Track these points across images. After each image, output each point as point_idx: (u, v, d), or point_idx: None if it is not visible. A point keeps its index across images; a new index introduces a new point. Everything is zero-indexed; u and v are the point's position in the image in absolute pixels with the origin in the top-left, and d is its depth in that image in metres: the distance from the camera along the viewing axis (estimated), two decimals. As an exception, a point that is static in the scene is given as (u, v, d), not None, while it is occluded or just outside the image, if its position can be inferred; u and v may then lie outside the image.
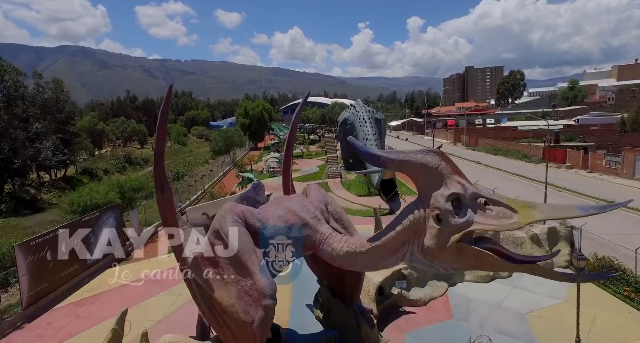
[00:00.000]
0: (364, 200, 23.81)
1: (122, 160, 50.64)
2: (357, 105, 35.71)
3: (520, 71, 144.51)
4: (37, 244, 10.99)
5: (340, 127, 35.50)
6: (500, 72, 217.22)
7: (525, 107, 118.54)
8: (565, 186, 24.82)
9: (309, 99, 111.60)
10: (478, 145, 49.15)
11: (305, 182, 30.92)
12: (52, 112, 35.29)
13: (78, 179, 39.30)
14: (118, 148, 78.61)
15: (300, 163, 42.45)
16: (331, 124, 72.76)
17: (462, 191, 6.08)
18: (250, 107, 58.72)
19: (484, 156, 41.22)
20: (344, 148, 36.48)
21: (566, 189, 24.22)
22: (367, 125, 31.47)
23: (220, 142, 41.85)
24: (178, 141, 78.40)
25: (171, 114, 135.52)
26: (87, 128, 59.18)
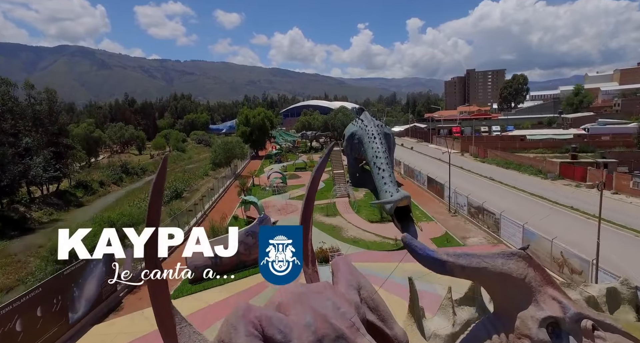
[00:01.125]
0: (377, 228, 22.06)
1: (118, 170, 48.86)
2: (365, 118, 34.02)
3: (523, 75, 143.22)
4: (4, 315, 9.24)
5: (347, 141, 33.82)
6: (502, 75, 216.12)
7: (529, 113, 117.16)
8: (592, 213, 23.05)
9: (308, 103, 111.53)
10: (487, 156, 47.49)
11: (311, 202, 29.19)
12: (44, 124, 33.56)
13: (72, 193, 37.56)
14: (115, 154, 76.90)
15: (304, 176, 40.70)
16: (334, 132, 71.07)
17: (560, 313, 4.42)
18: (252, 115, 57.00)
19: (495, 170, 39.52)
20: (351, 162, 34.81)
21: (613, 223, 20.30)
22: (376, 141, 29.77)
23: (220, 154, 40.14)
24: (177, 148, 76.61)
25: (170, 118, 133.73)
26: (83, 136, 57.43)
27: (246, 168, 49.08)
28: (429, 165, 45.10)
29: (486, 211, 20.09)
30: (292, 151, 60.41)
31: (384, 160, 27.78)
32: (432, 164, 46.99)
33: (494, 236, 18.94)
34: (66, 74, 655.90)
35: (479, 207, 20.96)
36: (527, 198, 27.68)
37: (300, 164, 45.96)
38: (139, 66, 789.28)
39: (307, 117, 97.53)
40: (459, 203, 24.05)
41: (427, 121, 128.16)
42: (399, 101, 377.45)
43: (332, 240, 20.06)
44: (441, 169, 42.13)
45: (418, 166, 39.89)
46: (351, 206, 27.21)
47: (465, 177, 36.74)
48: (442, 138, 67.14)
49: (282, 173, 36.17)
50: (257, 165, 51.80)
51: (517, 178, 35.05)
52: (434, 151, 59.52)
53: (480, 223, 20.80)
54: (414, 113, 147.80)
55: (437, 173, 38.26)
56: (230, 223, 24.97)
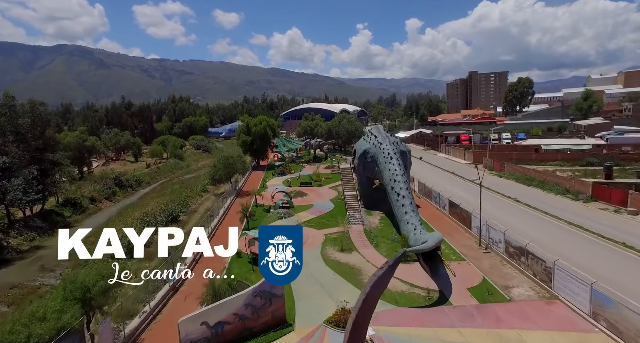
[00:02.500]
0: (402, 270, 18.89)
1: (111, 184, 45.83)
2: (378, 134, 31.04)
3: (529, 78, 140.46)
4: None
5: (360, 159, 30.85)
6: (504, 77, 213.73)
7: (536, 117, 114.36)
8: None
9: (309, 106, 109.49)
10: (504, 170, 44.63)
11: (322, 229, 26.30)
12: (26, 139, 30.49)
13: (58, 212, 34.56)
14: (110, 162, 73.81)
15: (310, 193, 37.79)
16: (338, 139, 68.19)
17: None
18: (253, 124, 54.03)
19: (515, 188, 36.62)
20: (362, 182, 31.85)
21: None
22: (393, 162, 26.86)
23: (220, 169, 37.15)
24: (174, 155, 73.55)
25: (168, 121, 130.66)
26: (75, 145, 54.36)
27: (248, 180, 46.12)
28: (443, 180, 42.22)
29: (532, 254, 17.18)
30: (295, 161, 57.44)
31: (403, 185, 24.87)
32: (445, 178, 44.10)
33: (545, 288, 16.01)
34: (64, 74, 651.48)
35: (521, 248, 18.06)
36: (564, 227, 24.77)
37: (305, 179, 43.01)
38: (138, 65, 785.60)
39: (309, 123, 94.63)
40: (492, 238, 21.15)
41: (431, 125, 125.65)
42: (399, 102, 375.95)
43: (352, 290, 17.17)
44: (458, 185, 39.29)
45: (431, 181, 37.01)
46: (367, 237, 24.28)
47: (485, 196, 33.84)
48: (451, 147, 64.31)
49: (287, 192, 33.18)
50: (259, 177, 48.82)
51: (544, 198, 32.17)
52: (445, 162, 56.67)
53: (523, 267, 17.91)
54: (416, 115, 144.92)
55: (453, 191, 35.37)
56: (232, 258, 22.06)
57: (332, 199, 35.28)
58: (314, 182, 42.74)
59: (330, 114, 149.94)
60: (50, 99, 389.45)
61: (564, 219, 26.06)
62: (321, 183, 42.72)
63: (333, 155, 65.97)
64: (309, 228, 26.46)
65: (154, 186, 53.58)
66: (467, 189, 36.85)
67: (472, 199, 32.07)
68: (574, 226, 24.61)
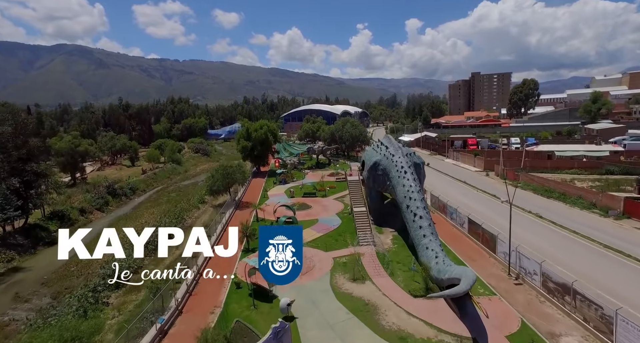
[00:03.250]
0: (425, 309, 16.57)
1: (103, 192, 43.30)
2: (389, 145, 28.53)
3: (534, 80, 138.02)
4: None
5: (369, 172, 28.33)
6: (507, 78, 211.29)
7: (543, 120, 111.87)
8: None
9: (310, 107, 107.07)
10: (519, 179, 42.10)
11: (330, 251, 23.77)
12: (7, 149, 27.99)
13: (43, 227, 32.03)
14: (106, 167, 71.32)
15: (315, 205, 35.28)
16: (342, 144, 65.69)
17: None
18: (253, 129, 51.51)
19: (534, 201, 34.06)
20: (372, 196, 29.31)
21: None
22: (407, 177, 24.34)
23: (219, 179, 34.65)
24: (172, 159, 71.01)
25: (167, 123, 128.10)
26: (67, 150, 51.83)
27: (248, 189, 43.58)
28: (454, 190, 39.60)
29: (581, 296, 14.64)
30: (297, 167, 54.92)
31: (420, 204, 22.37)
32: (456, 188, 41.47)
33: (605, 340, 13.45)
34: (63, 73, 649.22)
35: (566, 286, 15.54)
36: (600, 251, 22.24)
37: (308, 189, 40.47)
38: (138, 65, 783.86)
39: (311, 126, 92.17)
40: (525, 267, 18.63)
41: (434, 128, 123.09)
42: (399, 102, 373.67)
43: (369, 334, 14.68)
44: (472, 197, 36.54)
45: (440, 190, 34.47)
46: (381, 262, 21.74)
47: (502, 210, 31.32)
48: (459, 153, 61.80)
49: (291, 207, 30.65)
50: (260, 186, 46.31)
51: (568, 214, 29.66)
52: (453, 169, 54.16)
53: (569, 308, 15.38)
54: (419, 116, 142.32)
55: (467, 204, 32.79)
56: (230, 288, 19.60)
57: (338, 212, 32.81)
58: (318, 192, 40.24)
59: (332, 116, 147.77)
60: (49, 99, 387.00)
61: (597, 240, 23.55)
62: (325, 193, 40.22)
63: (336, 160, 63.51)
64: (315, 250, 23.98)
65: (150, 194, 51.05)
66: (483, 202, 34.41)
67: (491, 215, 29.68)
68: (611, 250, 22.11)
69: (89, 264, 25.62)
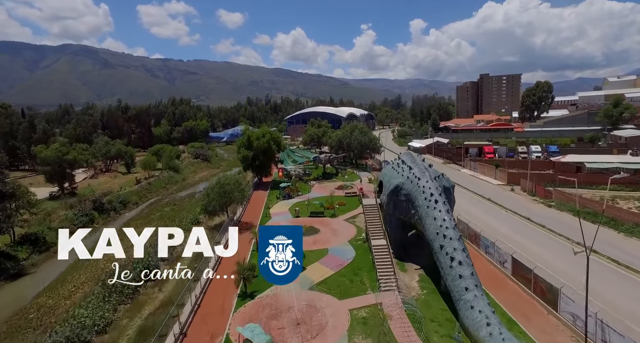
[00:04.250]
0: None
1: (89, 208, 39.28)
2: (413, 164, 24.18)
3: (548, 82, 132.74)
4: None
5: (390, 197, 23.97)
6: (517, 80, 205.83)
7: (559, 125, 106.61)
8: None
9: (315, 110, 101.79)
10: (551, 197, 37.52)
11: (346, 299, 19.43)
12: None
13: (11, 255, 27.96)
14: (99, 174, 67.53)
15: (323, 228, 30.98)
16: (350, 152, 61.30)
17: None
18: (255, 137, 47.31)
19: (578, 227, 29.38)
20: (392, 224, 24.90)
21: None
22: (439, 208, 20.01)
23: (215, 199, 30.46)
24: (170, 166, 67.00)
25: (167, 125, 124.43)
26: (54, 158, 47.93)
27: (249, 205, 39.36)
28: (478, 209, 34.88)
29: None
30: (302, 179, 50.64)
31: (457, 244, 18.05)
32: (481, 207, 36.75)
33: None
34: (68, 73, 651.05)
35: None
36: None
37: (316, 208, 36.12)
38: (142, 65, 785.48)
39: (316, 130, 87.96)
40: None
41: (443, 132, 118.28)
42: (404, 103, 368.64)
43: None
44: (501, 219, 31.46)
45: (461, 208, 29.85)
46: (411, 321, 17.30)
47: (542, 238, 26.81)
48: (477, 162, 57.13)
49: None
50: (261, 200, 42.12)
51: (630, 249, 24.93)
52: (473, 181, 49.41)
53: None
54: (427, 120, 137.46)
55: (497, 228, 28.26)
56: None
57: (351, 239, 28.49)
58: (326, 210, 35.93)
59: (337, 119, 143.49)
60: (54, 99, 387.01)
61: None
62: (334, 211, 35.92)
63: (343, 169, 59.19)
64: (327, 297, 19.69)
65: (142, 208, 47.05)
66: (517, 228, 29.71)
67: (532, 246, 25.22)
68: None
69: (53, 308, 21.51)
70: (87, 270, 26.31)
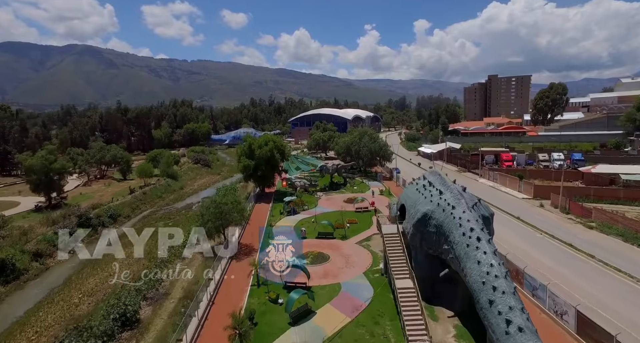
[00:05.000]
0: None
1: (73, 224, 35.54)
2: (443, 188, 20.11)
3: (562, 83, 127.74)
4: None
5: (416, 228, 19.88)
6: (527, 82, 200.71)
7: (575, 129, 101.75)
8: None
9: (319, 112, 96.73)
10: (590, 216, 33.15)
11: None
12: None
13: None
14: (93, 181, 64.02)
15: (334, 255, 27.03)
16: (359, 160, 57.24)
17: None
18: (257, 145, 43.41)
19: (633, 256, 25.11)
20: (419, 260, 20.76)
21: None
22: (485, 248, 15.97)
23: (210, 221, 26.54)
24: (167, 174, 63.32)
25: (167, 128, 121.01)
26: (40, 167, 44.30)
27: (250, 221, 35.42)
28: (505, 229, 30.35)
29: None
30: (307, 190, 46.67)
31: (513, 300, 14.01)
32: (506, 225, 32.38)
33: None
34: (73, 73, 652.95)
35: None
36: None
37: (325, 228, 32.05)
38: (146, 65, 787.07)
39: (322, 135, 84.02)
40: None
41: (452, 135, 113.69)
42: (408, 104, 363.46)
43: None
44: (533, 242, 26.71)
45: (496, 237, 25.59)
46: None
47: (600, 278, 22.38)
48: (497, 172, 52.71)
49: (302, 267, 22.26)
50: (264, 215, 38.23)
51: None
52: (493, 194, 44.68)
53: None
54: (435, 123, 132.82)
55: (529, 252, 23.50)
56: None
57: (366, 270, 24.51)
58: (335, 230, 31.90)
59: (343, 121, 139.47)
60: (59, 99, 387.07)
61: None
62: (345, 231, 31.92)
63: (351, 177, 55.15)
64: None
65: (134, 222, 43.33)
66: (561, 259, 25.10)
67: (587, 286, 20.89)
68: None
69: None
70: (57, 307, 22.47)
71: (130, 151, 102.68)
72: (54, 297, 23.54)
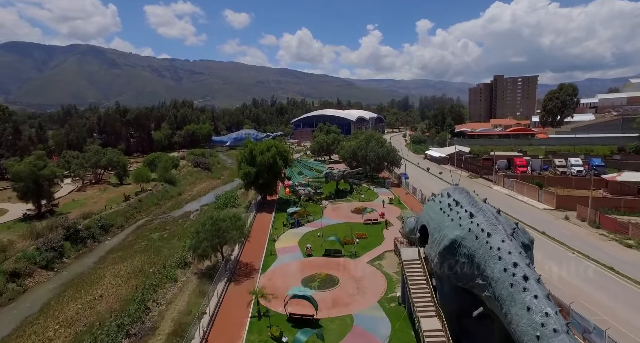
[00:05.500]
0: None
1: (59, 238, 32.84)
2: (472, 207, 17.24)
3: (572, 84, 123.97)
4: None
5: (443, 256, 16.93)
6: (533, 82, 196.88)
7: (587, 131, 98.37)
8: None
9: (322, 113, 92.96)
10: (627, 232, 30.04)
11: None
12: None
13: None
14: (88, 186, 61.44)
15: (343, 278, 24.17)
16: (365, 165, 54.29)
17: None
18: (258, 151, 40.61)
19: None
20: (445, 293, 17.80)
21: None
22: (535, 291, 12.98)
23: (206, 239, 23.72)
24: (165, 179, 60.63)
25: (168, 129, 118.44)
26: (28, 173, 41.67)
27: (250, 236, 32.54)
28: (540, 254, 25.99)
29: None
30: (312, 198, 43.81)
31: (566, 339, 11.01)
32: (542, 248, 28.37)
33: None
34: (76, 73, 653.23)
35: None
36: None
37: (332, 244, 29.16)
38: (149, 65, 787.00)
39: (325, 137, 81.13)
40: None
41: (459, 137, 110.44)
42: (411, 104, 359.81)
43: None
44: (565, 263, 23.32)
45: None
46: None
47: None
48: (514, 180, 49.55)
49: (309, 298, 19.41)
50: (265, 228, 35.39)
51: None
52: (511, 204, 41.34)
53: None
54: (442, 125, 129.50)
55: (562, 276, 19.55)
56: None
57: (380, 298, 21.65)
58: (344, 246, 29.03)
59: (346, 123, 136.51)
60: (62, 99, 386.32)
61: None
62: (355, 248, 29.05)
63: (358, 183, 52.20)
64: None
65: (128, 233, 40.61)
66: (603, 285, 21.85)
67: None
68: None
69: None
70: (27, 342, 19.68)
71: (130, 153, 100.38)
72: (25, 328, 20.76)
